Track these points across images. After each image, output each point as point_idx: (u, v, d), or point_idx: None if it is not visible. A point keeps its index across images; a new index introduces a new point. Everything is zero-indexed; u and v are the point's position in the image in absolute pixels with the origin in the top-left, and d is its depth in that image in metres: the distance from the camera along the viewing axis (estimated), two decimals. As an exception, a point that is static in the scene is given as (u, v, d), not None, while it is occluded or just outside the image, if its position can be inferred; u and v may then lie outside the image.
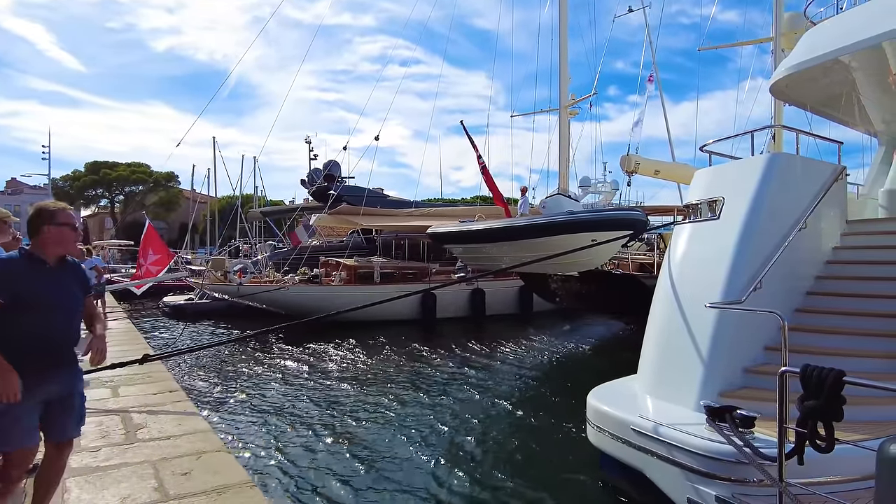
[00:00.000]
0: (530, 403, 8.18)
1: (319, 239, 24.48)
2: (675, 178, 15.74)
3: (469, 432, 6.82)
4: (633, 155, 13.45)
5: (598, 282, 11.75)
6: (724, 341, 4.88)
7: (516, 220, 12.11)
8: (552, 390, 8.95)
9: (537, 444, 6.36)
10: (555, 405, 8.14)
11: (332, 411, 7.48)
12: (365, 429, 6.73)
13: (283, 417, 7.14)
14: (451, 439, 6.60)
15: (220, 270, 16.59)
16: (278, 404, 7.86)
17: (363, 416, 7.29)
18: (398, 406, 7.80)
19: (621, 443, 4.68)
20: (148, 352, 7.35)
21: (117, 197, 51.79)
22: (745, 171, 5.58)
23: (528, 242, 10.53)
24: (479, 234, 11.98)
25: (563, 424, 6.95)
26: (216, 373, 9.91)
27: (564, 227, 10.12)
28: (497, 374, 10.12)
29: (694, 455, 3.99)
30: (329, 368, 10.32)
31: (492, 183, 15.26)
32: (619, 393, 5.45)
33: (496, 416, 7.65)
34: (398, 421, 7.11)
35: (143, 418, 4.24)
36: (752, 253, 5.12)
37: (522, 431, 6.95)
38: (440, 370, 10.34)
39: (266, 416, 7.17)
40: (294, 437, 6.43)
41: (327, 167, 24.03)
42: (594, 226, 9.95)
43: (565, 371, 10.60)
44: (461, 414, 7.66)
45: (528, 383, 9.61)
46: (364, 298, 16.09)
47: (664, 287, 5.69)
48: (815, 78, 7.79)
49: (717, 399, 4.70)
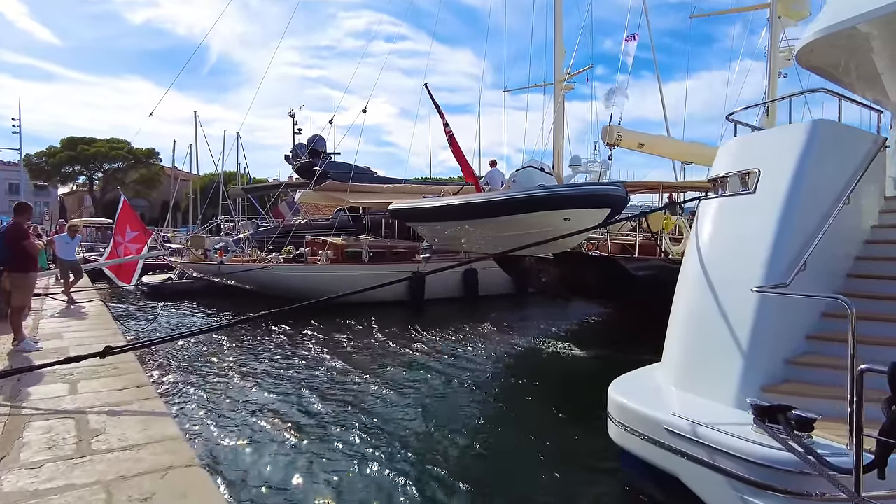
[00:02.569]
0: (542, 391, 7.69)
1: (304, 217, 23.71)
2: (661, 151, 14.75)
3: (472, 425, 6.30)
4: (616, 126, 12.50)
5: (574, 264, 10.76)
6: (766, 329, 4.35)
7: (480, 196, 11.00)
8: (561, 376, 8.47)
9: (549, 438, 5.84)
10: (564, 392, 7.66)
11: (326, 410, 6.73)
12: (366, 434, 6.04)
13: (265, 416, 6.39)
14: (456, 430, 6.07)
15: (200, 249, 15.81)
16: (260, 400, 7.11)
17: (362, 416, 6.58)
18: (408, 405, 7.16)
19: (652, 444, 4.16)
20: (118, 340, 6.71)
21: (96, 174, 50.13)
22: (783, 140, 5.01)
23: (493, 221, 9.61)
24: (439, 212, 10.94)
25: (577, 415, 6.45)
26: (191, 361, 9.20)
27: (532, 203, 9.15)
28: (497, 360, 9.60)
29: (744, 462, 3.48)
30: (318, 358, 9.61)
31: (461, 155, 14.32)
32: (643, 386, 4.93)
33: (505, 406, 7.14)
34: (409, 426, 6.44)
35: (101, 421, 3.61)
36: (795, 230, 4.59)
37: (538, 421, 6.45)
38: (437, 356, 9.80)
39: (246, 416, 6.45)
40: (278, 442, 5.69)
41: (312, 142, 23.15)
42: (566, 202, 9.03)
43: (564, 355, 10.10)
44: (462, 404, 7.14)
45: (532, 369, 9.10)
46: (352, 278, 15.52)
47: (692, 268, 5.14)
48: (842, 45, 7.20)
49: (759, 394, 4.20)
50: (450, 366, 9.08)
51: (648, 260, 10.56)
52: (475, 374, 8.55)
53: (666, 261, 10.41)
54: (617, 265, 10.24)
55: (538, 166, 11.62)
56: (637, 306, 11.36)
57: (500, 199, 9.73)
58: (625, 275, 10.06)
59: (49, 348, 5.87)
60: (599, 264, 10.45)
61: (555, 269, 11.25)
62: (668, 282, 10.30)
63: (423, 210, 11.45)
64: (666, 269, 10.31)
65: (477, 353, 10.11)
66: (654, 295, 10.45)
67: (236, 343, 10.64)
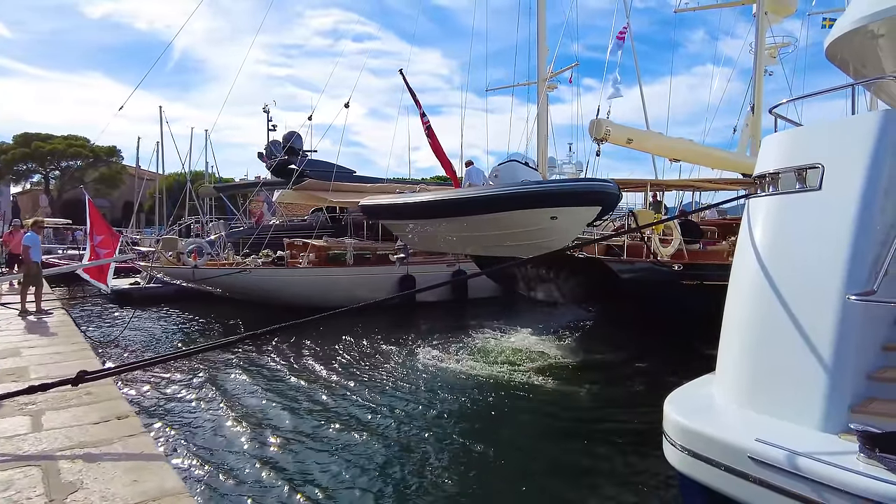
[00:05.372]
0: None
1: (280, 217, 22.72)
2: (650, 147, 13.81)
3: (498, 442, 5.70)
4: (604, 119, 12.06)
5: (559, 267, 10.19)
6: (849, 341, 3.85)
7: (459, 192, 10.19)
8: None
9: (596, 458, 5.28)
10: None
11: (350, 452, 5.77)
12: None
13: (286, 451, 5.60)
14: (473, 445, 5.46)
15: (172, 251, 14.78)
16: (271, 429, 6.26)
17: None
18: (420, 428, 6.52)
19: (731, 473, 3.60)
20: (88, 357, 5.80)
21: (52, 172, 47.67)
22: (850, 133, 4.54)
23: (473, 219, 8.83)
24: (415, 208, 9.99)
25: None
26: (175, 379, 8.34)
27: (516, 199, 8.40)
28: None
29: (861, 500, 2.96)
30: (322, 373, 8.82)
31: (439, 148, 13.67)
32: (706, 405, 4.38)
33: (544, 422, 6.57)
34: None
35: (77, 470, 2.86)
36: (874, 231, 4.12)
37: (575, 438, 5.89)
38: (431, 363, 9.15)
39: (257, 453, 5.63)
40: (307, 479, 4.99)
41: (288, 139, 22.11)
42: (554, 199, 8.32)
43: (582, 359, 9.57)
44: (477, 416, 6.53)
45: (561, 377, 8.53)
46: (336, 282, 14.76)
47: (750, 272, 4.61)
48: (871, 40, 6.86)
49: (849, 416, 3.70)
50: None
51: (636, 262, 10.14)
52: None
53: (655, 263, 10.00)
54: (604, 267, 9.73)
55: (522, 161, 11.01)
56: (626, 310, 10.93)
57: (480, 196, 9.02)
58: (613, 277, 9.58)
59: (4, 370, 5.01)
60: (586, 266, 9.93)
61: (539, 272, 10.68)
62: (657, 284, 10.01)
63: (398, 207, 10.59)
64: (655, 272, 9.92)
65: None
66: (643, 298, 10.09)
67: (224, 355, 9.76)
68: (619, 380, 8.30)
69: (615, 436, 6.22)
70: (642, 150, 14.55)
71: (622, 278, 9.67)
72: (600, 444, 6.01)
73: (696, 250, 11.64)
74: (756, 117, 16.18)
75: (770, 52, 18.17)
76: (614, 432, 6.34)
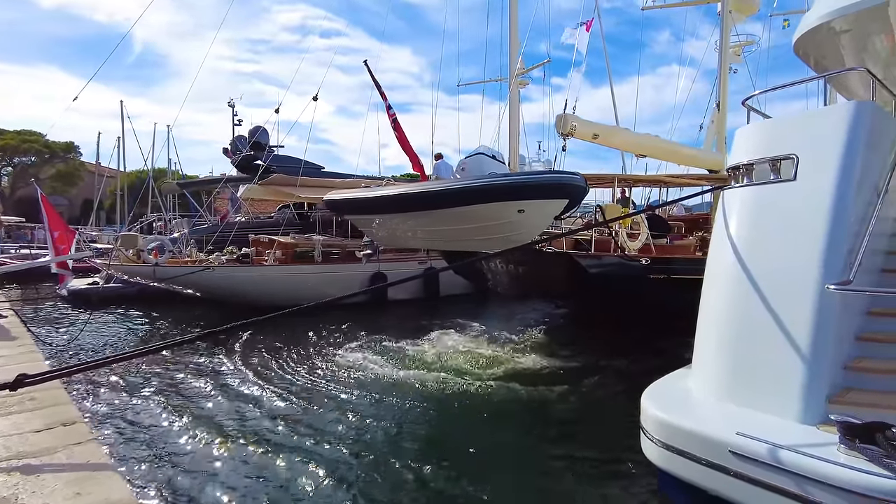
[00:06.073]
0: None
1: (245, 214, 22.16)
2: (616, 143, 13.88)
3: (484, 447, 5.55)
4: (570, 114, 12.01)
5: (528, 261, 10.05)
6: (826, 332, 3.83)
7: (424, 185, 10.11)
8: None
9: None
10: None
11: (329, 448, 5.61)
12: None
13: (241, 459, 5.32)
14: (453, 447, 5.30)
15: (133, 249, 14.21)
16: (228, 431, 5.98)
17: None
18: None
19: (712, 469, 3.53)
20: (36, 360, 5.41)
21: (5, 168, 45.62)
22: (823, 124, 4.54)
23: (438, 213, 8.71)
24: (379, 202, 9.78)
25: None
26: (130, 383, 7.93)
27: (481, 192, 8.27)
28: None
29: (848, 494, 2.90)
30: (284, 376, 8.47)
31: (405, 141, 13.41)
32: (684, 399, 4.32)
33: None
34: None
35: (13, 484, 2.59)
36: (847, 221, 4.11)
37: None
38: (395, 365, 8.93)
39: (213, 457, 5.35)
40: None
41: (254, 134, 21.61)
42: (521, 192, 8.22)
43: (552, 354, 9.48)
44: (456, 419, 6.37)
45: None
46: (305, 280, 14.40)
47: (726, 264, 4.58)
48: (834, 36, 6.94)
49: (827, 407, 3.68)
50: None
51: (604, 257, 10.15)
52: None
53: (623, 257, 10.04)
54: (572, 262, 9.70)
55: (489, 154, 10.88)
56: (594, 305, 10.92)
57: (445, 189, 8.84)
58: (581, 272, 9.57)
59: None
60: (554, 261, 9.86)
61: (507, 267, 10.57)
62: (625, 279, 10.04)
63: (363, 201, 10.27)
64: (623, 266, 9.95)
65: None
66: (613, 293, 10.11)
67: (181, 356, 9.36)
68: (589, 376, 8.23)
69: (586, 435, 6.14)
70: (609, 145, 14.53)
71: (590, 273, 9.66)
72: (569, 441, 5.94)
73: (663, 245, 11.75)
74: (722, 113, 16.44)
75: (734, 49, 18.54)
76: (585, 432, 6.28)
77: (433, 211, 8.80)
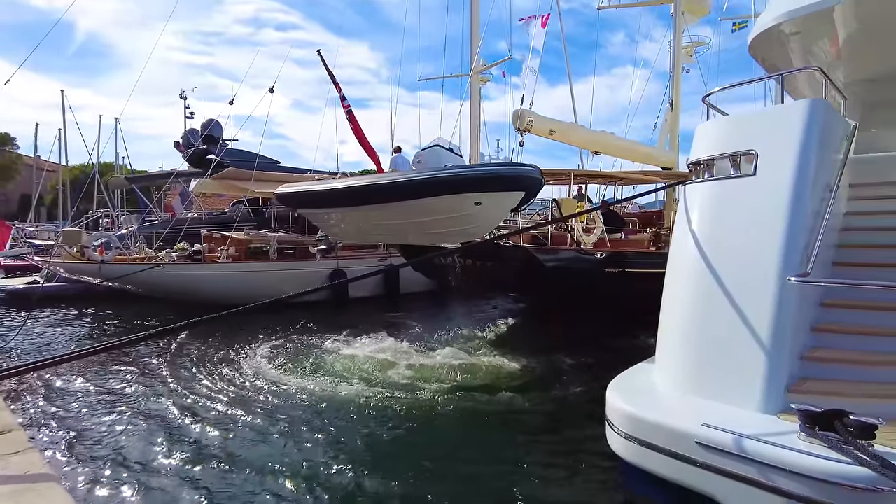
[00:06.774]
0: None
1: (197, 210, 21.37)
2: (572, 139, 13.94)
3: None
4: (527, 110, 12.00)
5: (485, 256, 10.06)
6: (785, 323, 3.93)
7: (378, 177, 10.03)
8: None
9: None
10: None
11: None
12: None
13: (189, 465, 5.07)
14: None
15: (76, 246, 13.46)
16: (176, 437, 5.71)
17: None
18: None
19: (678, 460, 3.57)
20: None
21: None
22: (781, 120, 4.67)
23: (393, 206, 8.60)
24: (332, 195, 9.62)
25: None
26: (73, 388, 7.47)
27: (437, 185, 8.20)
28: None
29: (809, 480, 2.97)
30: (246, 374, 8.20)
31: (360, 133, 13.21)
32: (649, 392, 4.36)
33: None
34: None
35: (-62, 500, 2.35)
36: (805, 216, 4.24)
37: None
38: (350, 367, 8.68)
39: (160, 463, 5.09)
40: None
41: (207, 127, 20.86)
42: (478, 183, 8.19)
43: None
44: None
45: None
46: (259, 278, 13.97)
47: (689, 258, 4.65)
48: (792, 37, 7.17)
49: (786, 397, 3.78)
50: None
51: (561, 251, 10.30)
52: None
53: (579, 251, 10.21)
54: (529, 255, 9.79)
55: (447, 145, 10.82)
56: (551, 299, 11.04)
57: (400, 181, 8.78)
58: (538, 266, 9.68)
59: None
60: (511, 255, 9.91)
61: (463, 261, 10.50)
62: (581, 272, 10.21)
63: (315, 194, 10.11)
64: (579, 260, 10.13)
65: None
66: (569, 286, 10.27)
67: (127, 358, 8.90)
68: (547, 371, 8.25)
69: (547, 432, 6.14)
70: (566, 142, 14.61)
71: (547, 266, 9.77)
72: (530, 438, 5.92)
73: (618, 239, 12.00)
74: (675, 112, 16.89)
75: (687, 50, 19.16)
76: (546, 428, 6.27)
77: (388, 204, 8.65)
